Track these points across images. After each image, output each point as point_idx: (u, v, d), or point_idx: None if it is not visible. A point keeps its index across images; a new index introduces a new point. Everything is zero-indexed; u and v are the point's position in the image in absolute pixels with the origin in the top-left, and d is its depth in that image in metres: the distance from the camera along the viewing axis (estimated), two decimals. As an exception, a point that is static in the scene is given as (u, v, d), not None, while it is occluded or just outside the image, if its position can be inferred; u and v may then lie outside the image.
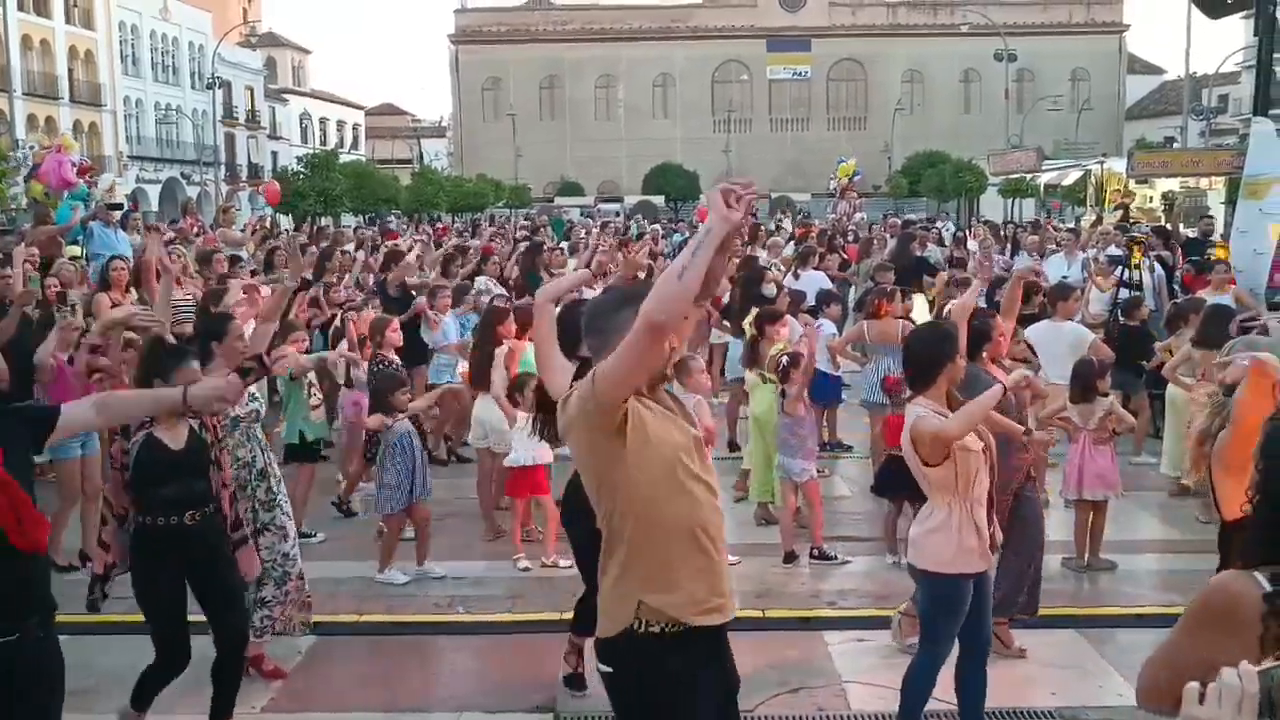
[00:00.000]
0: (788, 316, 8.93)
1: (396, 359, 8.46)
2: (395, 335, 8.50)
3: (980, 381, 6.04)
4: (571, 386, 3.28)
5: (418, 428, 7.90)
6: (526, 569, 7.54)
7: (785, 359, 7.65)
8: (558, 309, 4.06)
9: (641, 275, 9.57)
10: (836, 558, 7.65)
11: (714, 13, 77.61)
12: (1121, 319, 11.09)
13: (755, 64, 77.82)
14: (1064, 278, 12.33)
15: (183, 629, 4.89)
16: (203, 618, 5.00)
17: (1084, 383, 7.71)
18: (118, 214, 14.25)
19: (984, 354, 6.16)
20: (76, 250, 12.72)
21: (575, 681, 5.65)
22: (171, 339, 5.66)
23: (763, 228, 20.07)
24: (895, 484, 7.68)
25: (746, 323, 9.17)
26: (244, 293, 8.76)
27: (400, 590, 7.22)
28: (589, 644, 4.30)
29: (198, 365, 4.99)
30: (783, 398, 7.60)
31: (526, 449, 7.50)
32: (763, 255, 15.26)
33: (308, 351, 9.09)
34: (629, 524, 3.19)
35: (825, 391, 9.89)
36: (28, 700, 3.62)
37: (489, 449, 8.32)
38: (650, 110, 77.88)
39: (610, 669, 3.28)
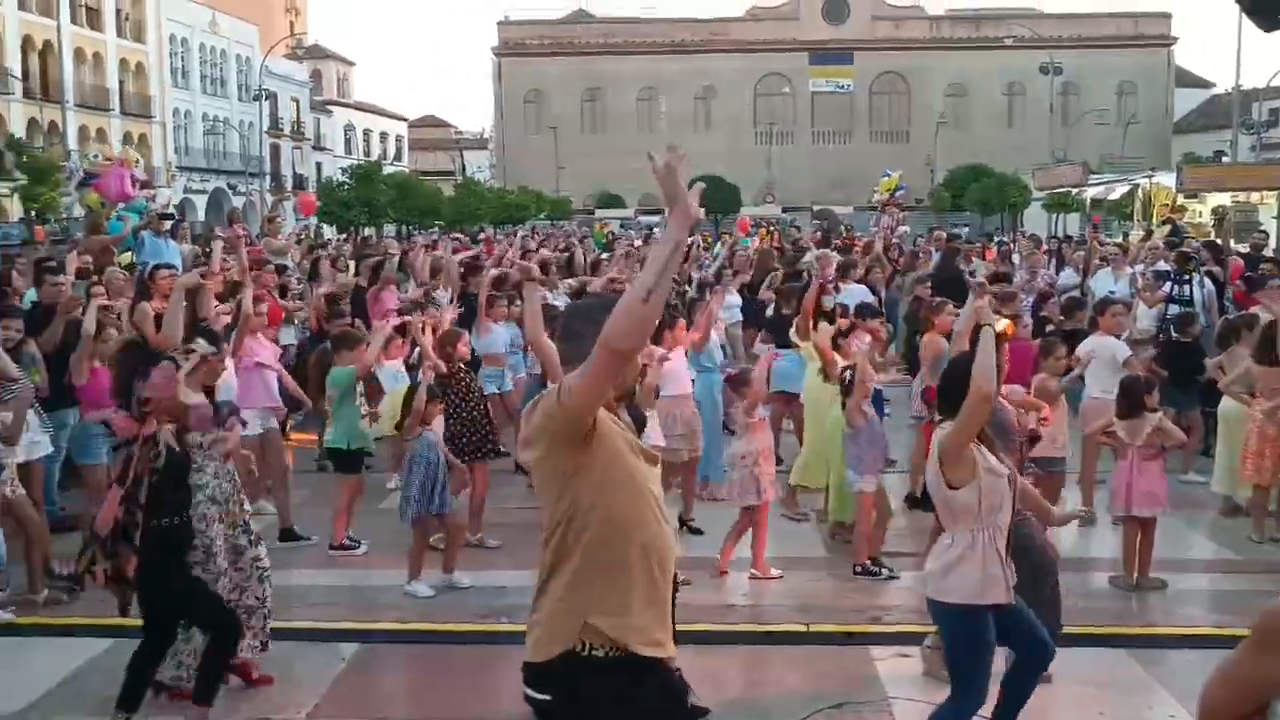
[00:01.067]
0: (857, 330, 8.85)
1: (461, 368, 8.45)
2: (465, 348, 8.51)
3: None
4: (537, 398, 3.20)
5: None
6: None
7: (848, 373, 7.63)
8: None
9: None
10: (881, 573, 7.56)
11: (756, 26, 77.66)
12: (1174, 335, 10.94)
13: (797, 77, 77.73)
14: (1111, 293, 12.20)
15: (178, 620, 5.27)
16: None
17: (1132, 398, 7.60)
18: (168, 223, 14.45)
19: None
20: (129, 258, 12.89)
21: None
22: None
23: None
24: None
25: (793, 333, 9.14)
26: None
27: (442, 600, 7.23)
28: None
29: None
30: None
31: None
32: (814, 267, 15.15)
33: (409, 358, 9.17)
34: (585, 538, 3.08)
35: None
36: None
37: None
38: (692, 123, 77.95)
39: (547, 696, 3.13)
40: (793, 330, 9.23)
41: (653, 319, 2.91)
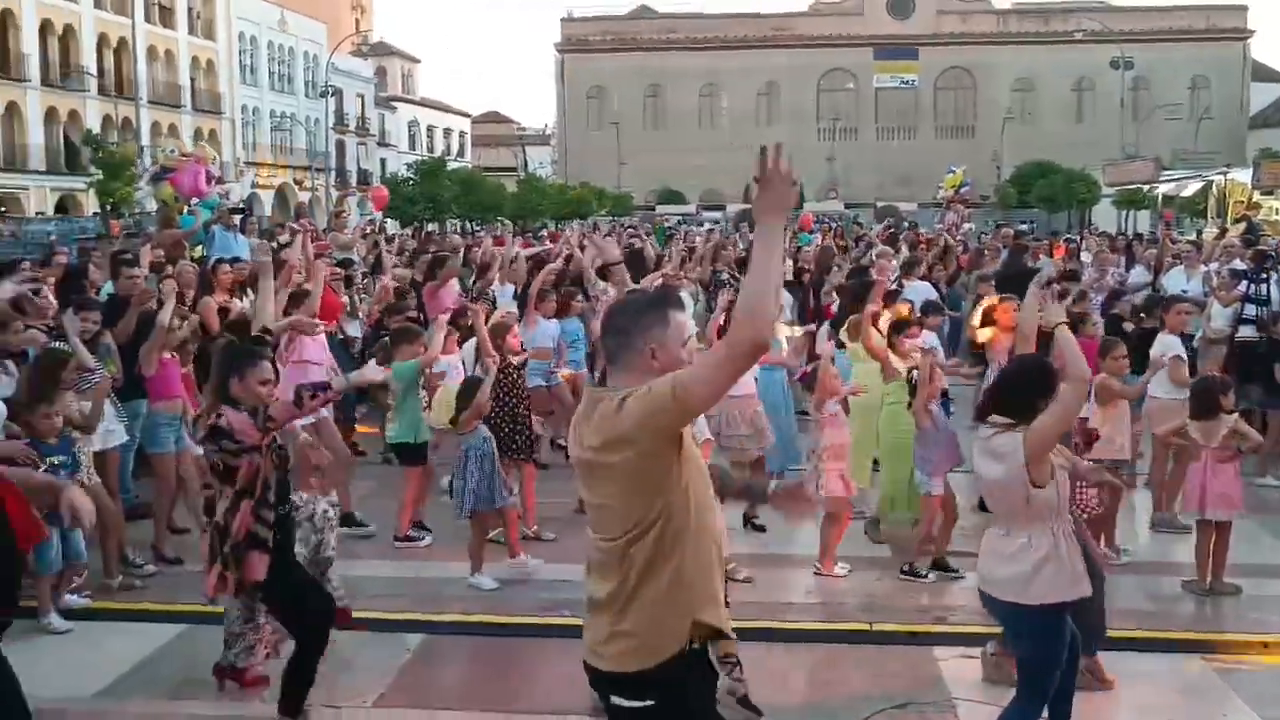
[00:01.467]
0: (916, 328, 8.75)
1: (513, 361, 8.50)
2: (516, 340, 8.55)
3: None
4: (607, 392, 3.13)
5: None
6: None
7: (914, 372, 7.54)
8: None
9: None
10: (927, 576, 7.42)
11: (819, 21, 77.20)
12: (1261, 334, 10.70)
13: (861, 72, 77.14)
14: (1184, 291, 11.96)
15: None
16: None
17: (1206, 399, 7.43)
18: (237, 218, 14.69)
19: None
20: (200, 251, 13.13)
21: None
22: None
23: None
24: None
25: (843, 333, 9.02)
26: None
27: (506, 592, 7.28)
28: None
29: (268, 366, 5.18)
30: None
31: None
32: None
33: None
34: (684, 536, 3.09)
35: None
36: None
37: None
38: (754, 118, 77.70)
39: (649, 702, 3.10)
40: (844, 329, 9.08)
41: (776, 311, 2.98)
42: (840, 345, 9.45)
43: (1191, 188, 35.33)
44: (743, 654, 3.37)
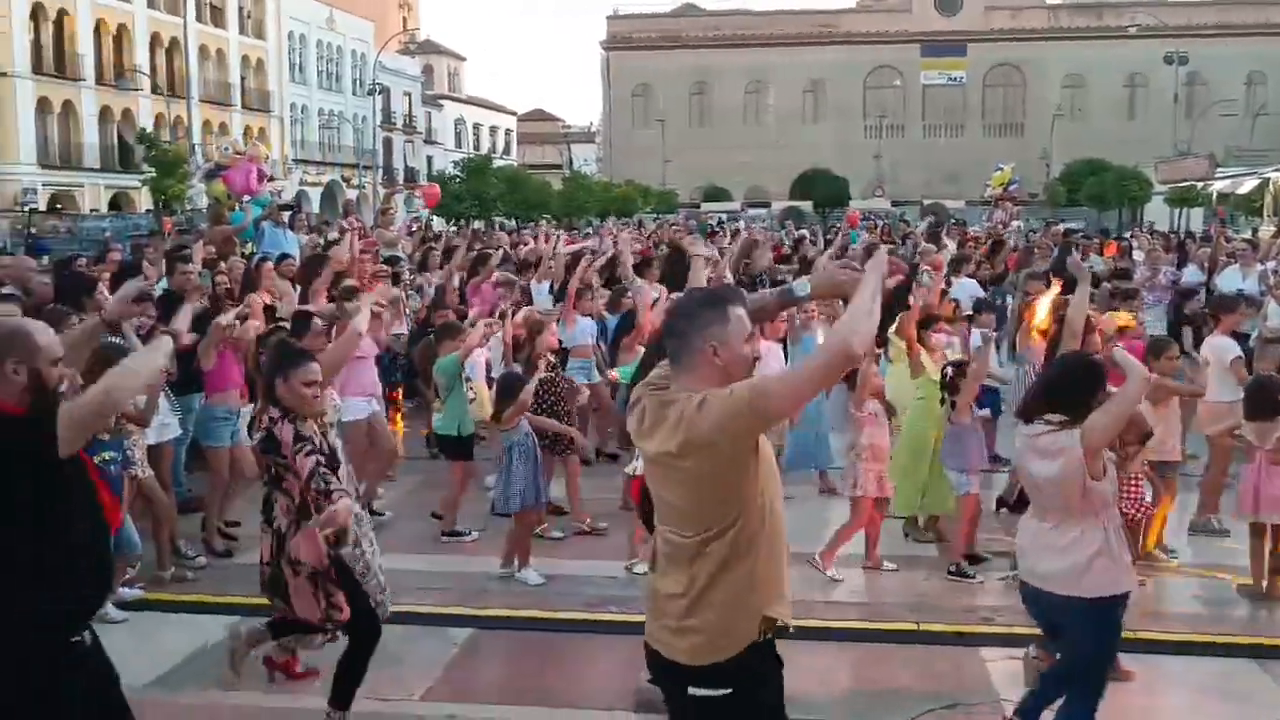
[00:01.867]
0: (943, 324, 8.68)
1: (551, 358, 8.52)
2: (553, 338, 8.58)
3: None
4: (677, 393, 3.12)
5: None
6: (642, 573, 7.49)
7: (951, 369, 7.46)
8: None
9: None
10: (976, 577, 7.35)
11: (866, 17, 76.72)
12: None
13: (909, 69, 76.56)
14: (1239, 291, 11.76)
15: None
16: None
17: (1261, 399, 7.30)
18: (287, 214, 14.84)
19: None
20: (250, 248, 13.28)
21: None
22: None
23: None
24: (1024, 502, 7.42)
25: (892, 331, 8.89)
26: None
27: (551, 588, 7.31)
28: None
29: (316, 368, 5.16)
30: (952, 408, 7.40)
31: None
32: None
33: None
34: (760, 537, 3.13)
35: (984, 403, 9.61)
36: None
37: None
38: (800, 116, 77.37)
39: (726, 690, 3.16)
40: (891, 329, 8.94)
41: (875, 328, 3.05)
42: (883, 343, 9.34)
43: (1247, 185, 34.65)
44: (788, 653, 3.40)
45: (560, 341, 9.36)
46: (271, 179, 15.83)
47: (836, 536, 7.48)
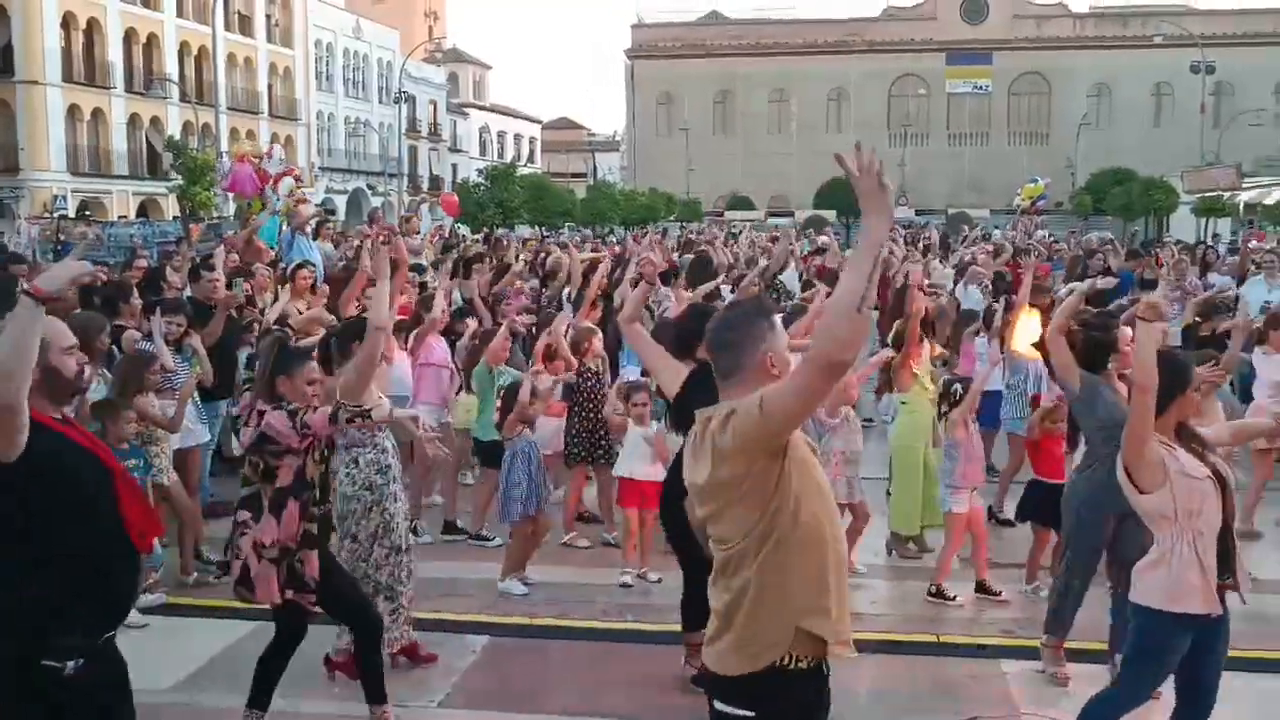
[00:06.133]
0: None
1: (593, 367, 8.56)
2: (598, 344, 8.61)
3: (1101, 396, 5.77)
4: (714, 408, 3.11)
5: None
6: (629, 584, 7.48)
7: (957, 385, 7.37)
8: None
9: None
10: (956, 598, 7.20)
11: (891, 26, 76.48)
12: None
13: (933, 78, 76.28)
14: (1267, 303, 11.66)
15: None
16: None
17: None
18: (315, 221, 14.91)
19: (1110, 367, 5.92)
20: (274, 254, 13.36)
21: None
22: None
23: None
24: (1038, 510, 7.35)
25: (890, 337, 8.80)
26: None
27: (570, 595, 7.33)
28: None
29: (316, 365, 5.23)
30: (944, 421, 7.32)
31: (634, 460, 7.53)
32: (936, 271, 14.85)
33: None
34: (791, 550, 3.06)
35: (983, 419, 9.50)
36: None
37: None
38: (823, 124, 77.15)
39: (748, 711, 3.08)
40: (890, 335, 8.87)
41: (867, 327, 2.91)
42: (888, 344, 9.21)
43: (1275, 195, 34.42)
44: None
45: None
46: (282, 177, 15.73)
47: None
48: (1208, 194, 42.16)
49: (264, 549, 5.00)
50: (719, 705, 3.15)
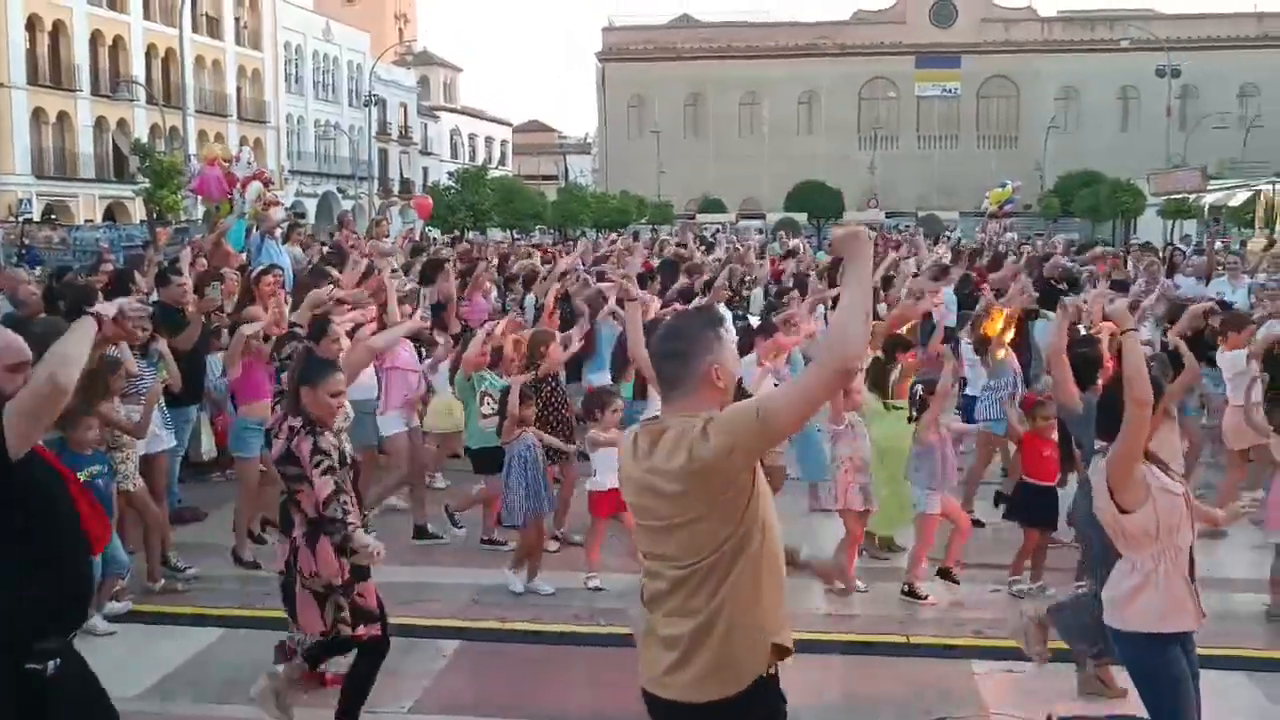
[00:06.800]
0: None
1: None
2: (557, 350, 8.59)
3: (1094, 411, 5.75)
4: (680, 418, 3.04)
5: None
6: (599, 588, 7.47)
7: (920, 386, 7.40)
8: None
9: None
10: (928, 598, 7.25)
11: (861, 29, 76.84)
12: None
13: (903, 81, 76.69)
14: (1230, 304, 11.78)
15: None
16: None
17: None
18: (283, 226, 14.79)
19: (1098, 383, 5.88)
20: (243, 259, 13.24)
21: None
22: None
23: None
24: (1026, 511, 7.40)
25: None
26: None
27: (542, 601, 7.32)
28: None
29: (342, 378, 5.16)
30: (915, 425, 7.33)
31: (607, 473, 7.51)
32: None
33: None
34: (763, 560, 3.04)
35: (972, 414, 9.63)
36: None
37: None
38: (794, 127, 77.43)
39: None
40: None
41: (867, 335, 2.98)
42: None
43: (1240, 197, 34.85)
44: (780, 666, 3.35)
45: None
46: (249, 180, 15.58)
47: (841, 560, 7.38)
48: (1174, 196, 42.62)
49: (305, 579, 4.94)
50: None
